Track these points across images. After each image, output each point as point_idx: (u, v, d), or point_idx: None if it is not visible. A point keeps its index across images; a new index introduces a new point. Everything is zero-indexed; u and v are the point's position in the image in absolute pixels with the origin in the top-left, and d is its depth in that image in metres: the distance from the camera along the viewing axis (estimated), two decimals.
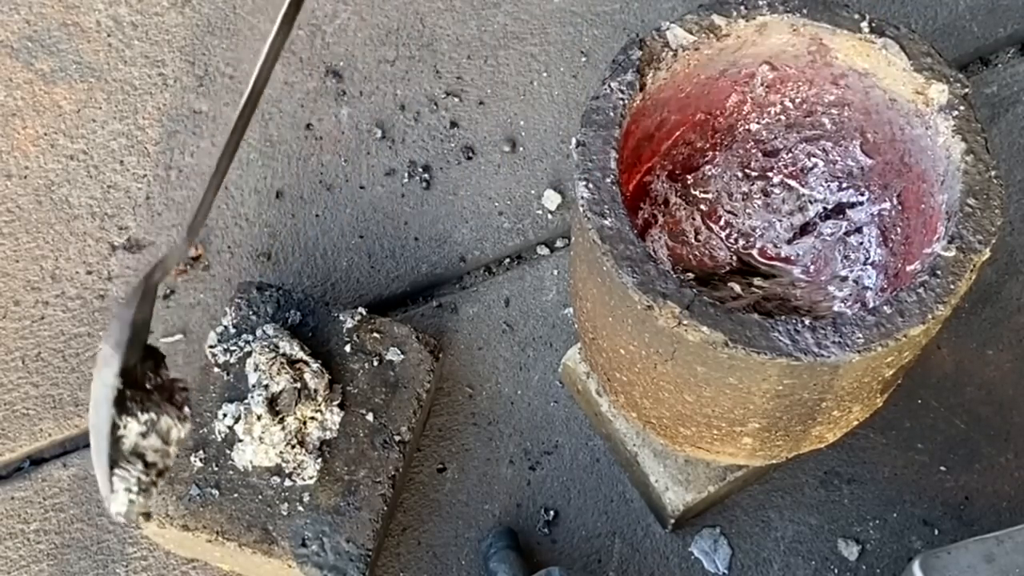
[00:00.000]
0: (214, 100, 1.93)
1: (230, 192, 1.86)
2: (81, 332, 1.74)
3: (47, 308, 1.76)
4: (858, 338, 1.14)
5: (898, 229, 1.40)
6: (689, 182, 1.50)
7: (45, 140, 1.88)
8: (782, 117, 1.46)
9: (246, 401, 1.52)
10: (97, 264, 1.79)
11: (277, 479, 1.52)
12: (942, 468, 1.68)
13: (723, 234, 1.49)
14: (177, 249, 1.30)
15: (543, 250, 1.84)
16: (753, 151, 1.50)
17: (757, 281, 1.46)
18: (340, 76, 1.96)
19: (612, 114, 1.26)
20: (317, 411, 1.54)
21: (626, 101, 1.27)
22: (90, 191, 1.85)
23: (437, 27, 2.01)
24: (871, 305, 1.37)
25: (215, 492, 1.52)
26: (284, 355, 1.55)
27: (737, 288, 1.45)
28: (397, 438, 1.57)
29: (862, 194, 1.46)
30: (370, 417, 1.57)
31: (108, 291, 1.77)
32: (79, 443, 1.68)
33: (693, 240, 1.48)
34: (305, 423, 1.53)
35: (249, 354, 1.55)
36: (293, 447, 1.52)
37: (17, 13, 1.98)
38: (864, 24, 1.31)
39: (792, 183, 1.50)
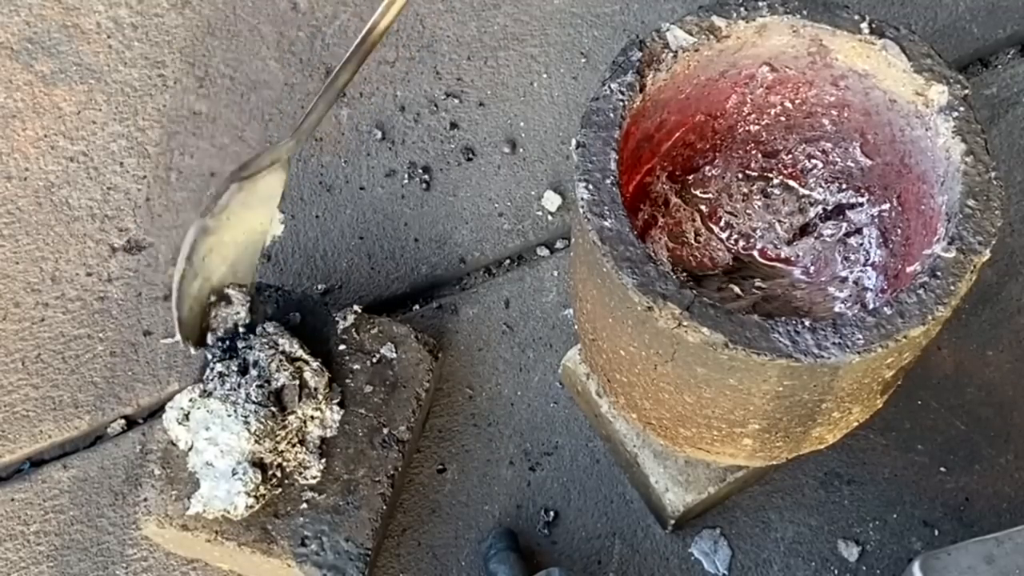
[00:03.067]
0: (214, 101, 1.93)
1: None
2: (81, 334, 1.74)
3: (47, 310, 1.76)
4: (858, 339, 1.14)
5: (898, 230, 1.40)
6: (689, 183, 1.50)
7: (45, 142, 1.88)
8: (782, 118, 1.46)
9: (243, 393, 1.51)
10: (97, 266, 1.79)
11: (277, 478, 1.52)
12: (942, 469, 1.68)
13: (723, 235, 1.49)
14: (281, 147, 1.47)
15: (543, 251, 1.84)
16: (753, 152, 1.50)
17: (757, 282, 1.46)
18: None
19: (612, 115, 1.26)
20: (317, 409, 1.54)
21: (626, 102, 1.27)
22: (90, 193, 1.85)
23: (437, 28, 2.01)
24: (871, 306, 1.37)
25: None
26: (284, 352, 1.55)
27: (737, 289, 1.45)
28: (396, 437, 1.57)
29: (862, 195, 1.46)
30: (369, 416, 1.58)
31: (108, 293, 1.77)
32: (79, 444, 1.68)
33: (693, 241, 1.48)
34: (306, 422, 1.53)
35: (249, 350, 1.55)
36: (293, 446, 1.52)
37: (17, 15, 1.98)
38: (864, 25, 1.31)
39: (792, 184, 1.50)
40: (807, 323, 1.15)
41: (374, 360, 1.62)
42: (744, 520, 1.64)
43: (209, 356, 1.57)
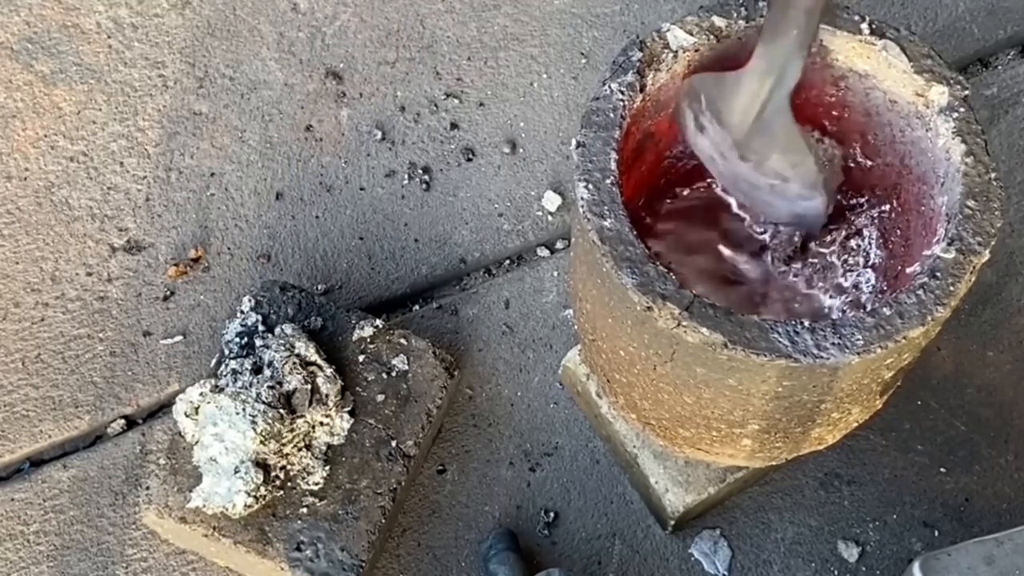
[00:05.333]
0: (214, 102, 1.93)
1: (230, 194, 1.86)
2: (81, 334, 1.74)
3: (47, 310, 1.76)
4: (857, 340, 1.14)
5: (898, 231, 1.40)
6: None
7: (45, 142, 1.88)
8: None
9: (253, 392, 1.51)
10: (97, 266, 1.79)
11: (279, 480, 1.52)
12: (942, 470, 1.68)
13: None
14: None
15: (543, 252, 1.84)
16: None
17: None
18: (340, 78, 1.96)
19: (612, 115, 1.26)
20: (327, 416, 1.54)
21: (626, 102, 1.27)
22: (90, 193, 1.85)
23: (437, 29, 2.01)
24: (869, 307, 1.37)
25: None
26: (299, 356, 1.54)
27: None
28: (402, 451, 1.56)
29: (862, 196, 1.46)
30: (378, 428, 1.57)
31: (108, 293, 1.77)
32: (79, 444, 1.68)
33: None
34: (314, 427, 1.53)
35: (266, 349, 1.55)
36: (299, 450, 1.52)
37: (17, 15, 1.98)
38: (864, 26, 1.31)
39: None
40: (806, 324, 1.15)
41: (389, 372, 1.61)
42: (744, 521, 1.64)
43: (225, 351, 1.57)
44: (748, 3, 1.32)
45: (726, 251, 1.45)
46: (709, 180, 1.47)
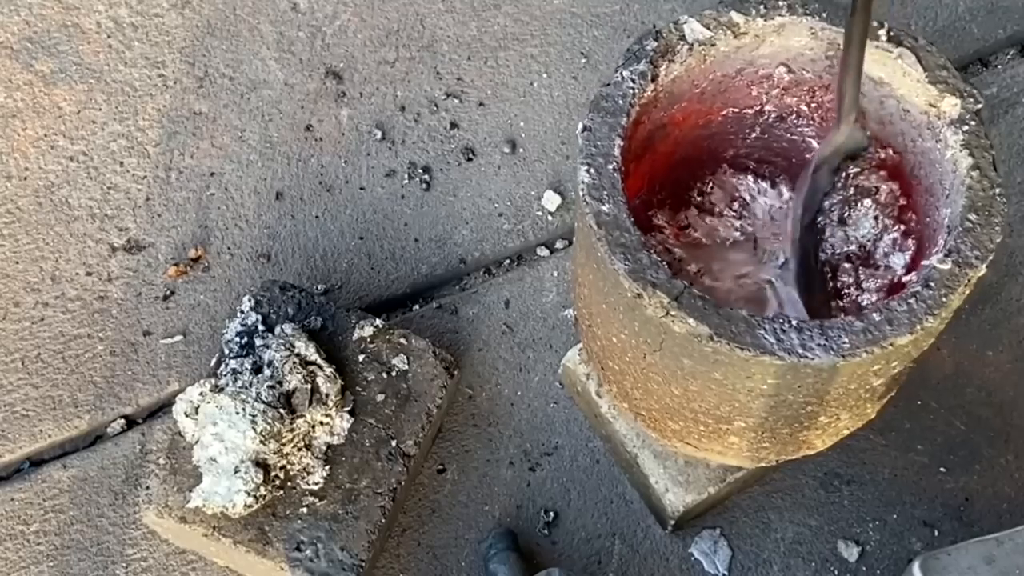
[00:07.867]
0: (214, 101, 1.93)
1: (230, 193, 1.86)
2: (81, 333, 1.74)
3: (47, 309, 1.76)
4: (843, 343, 1.13)
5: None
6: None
7: (45, 141, 1.88)
8: (799, 120, 1.45)
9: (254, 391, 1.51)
10: (97, 265, 1.79)
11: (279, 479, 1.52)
12: (942, 469, 1.68)
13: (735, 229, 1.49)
14: (850, 136, 1.35)
15: (543, 251, 1.84)
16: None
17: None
18: (340, 77, 1.96)
19: (620, 102, 1.25)
20: (327, 415, 1.54)
21: (636, 91, 1.26)
22: (90, 192, 1.85)
23: (437, 28, 2.01)
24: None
25: None
26: (299, 355, 1.54)
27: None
28: (403, 451, 1.56)
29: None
30: (378, 427, 1.57)
31: (108, 293, 1.77)
32: (79, 444, 1.68)
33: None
34: (314, 427, 1.53)
35: (266, 349, 1.55)
36: (299, 449, 1.52)
37: (17, 14, 1.98)
38: (882, 32, 1.29)
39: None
40: (793, 322, 1.14)
41: (389, 371, 1.61)
42: (744, 520, 1.64)
43: (225, 351, 1.57)
44: (767, 1, 1.31)
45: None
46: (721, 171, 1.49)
